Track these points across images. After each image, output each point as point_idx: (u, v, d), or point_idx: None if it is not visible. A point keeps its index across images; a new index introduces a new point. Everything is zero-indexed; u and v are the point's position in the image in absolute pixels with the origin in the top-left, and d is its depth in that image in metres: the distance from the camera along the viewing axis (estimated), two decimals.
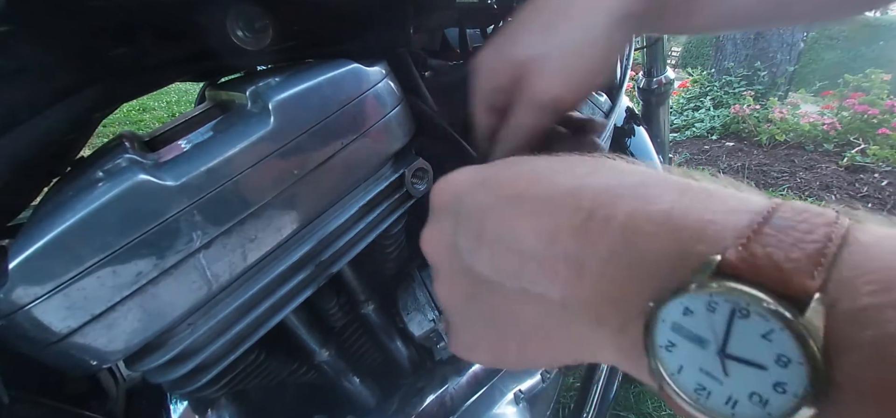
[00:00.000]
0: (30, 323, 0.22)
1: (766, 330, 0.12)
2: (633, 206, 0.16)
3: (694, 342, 0.14)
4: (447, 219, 0.22)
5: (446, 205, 0.23)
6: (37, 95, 0.25)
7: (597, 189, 0.18)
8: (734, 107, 3.57)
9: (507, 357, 0.22)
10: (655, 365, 0.15)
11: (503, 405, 0.49)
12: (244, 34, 0.29)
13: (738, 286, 0.13)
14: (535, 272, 0.18)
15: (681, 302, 0.14)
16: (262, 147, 0.26)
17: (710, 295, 0.13)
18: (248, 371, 0.33)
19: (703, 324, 0.14)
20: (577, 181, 0.18)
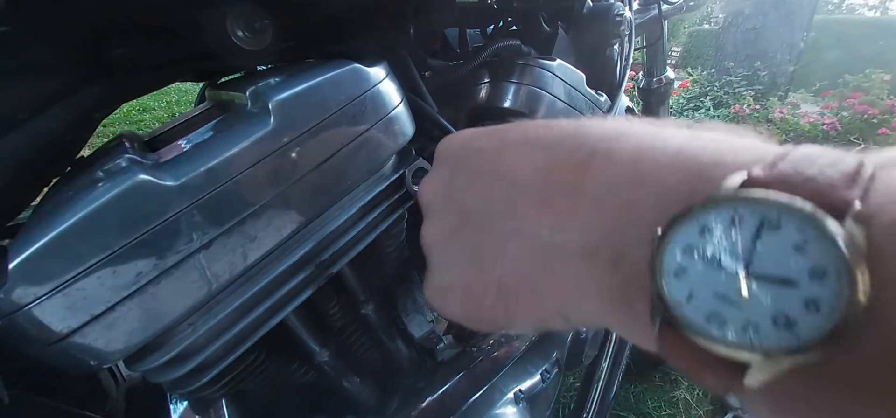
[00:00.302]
0: (30, 323, 0.22)
1: (800, 240, 0.11)
2: (640, 141, 0.15)
3: (709, 264, 0.12)
4: (447, 165, 0.22)
5: (449, 154, 0.22)
6: (37, 95, 0.25)
7: (603, 130, 0.17)
8: (734, 107, 3.57)
9: (482, 304, 0.20)
10: (661, 291, 0.13)
11: (503, 405, 0.49)
12: (244, 34, 0.29)
13: (770, 195, 0.12)
14: (527, 205, 0.17)
15: (698, 219, 0.12)
16: (262, 147, 0.26)
17: (736, 207, 0.12)
18: (248, 371, 0.33)
19: (722, 242, 0.12)
20: (582, 125, 0.17)
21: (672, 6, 0.93)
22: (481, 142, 0.20)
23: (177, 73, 0.32)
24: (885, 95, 3.16)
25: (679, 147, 0.14)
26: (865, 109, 3.06)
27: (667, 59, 1.03)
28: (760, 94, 3.75)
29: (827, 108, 3.50)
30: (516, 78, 0.46)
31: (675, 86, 1.10)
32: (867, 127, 2.99)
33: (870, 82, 3.29)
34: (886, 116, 2.99)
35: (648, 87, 1.03)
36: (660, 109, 1.06)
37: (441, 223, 0.22)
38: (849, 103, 3.20)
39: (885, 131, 2.88)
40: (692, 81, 4.30)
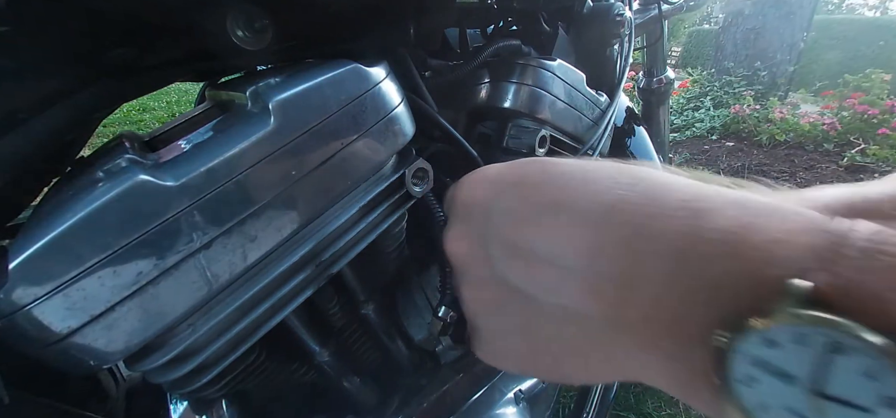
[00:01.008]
0: (30, 323, 0.22)
1: (869, 368, 0.11)
2: (684, 222, 0.14)
3: (780, 378, 0.12)
4: (476, 223, 0.21)
5: (474, 206, 0.21)
6: (37, 95, 0.25)
7: (642, 201, 0.16)
8: (734, 107, 3.57)
9: (538, 370, 0.21)
10: (735, 400, 0.13)
11: (503, 405, 0.49)
12: (244, 34, 0.29)
13: (834, 318, 0.11)
14: (575, 289, 0.17)
15: (762, 333, 0.12)
16: (262, 147, 0.26)
17: (800, 326, 0.12)
18: (249, 371, 0.33)
19: (791, 359, 0.12)
20: (619, 192, 0.16)
21: (672, 6, 0.93)
22: (510, 203, 0.19)
23: (177, 73, 0.32)
24: (885, 95, 3.17)
25: (725, 231, 0.14)
26: (865, 109, 3.06)
27: (667, 59, 1.03)
28: (760, 94, 3.75)
29: (827, 108, 3.51)
30: (516, 78, 0.46)
31: (675, 86, 1.10)
32: (867, 127, 2.99)
33: (870, 82, 3.29)
34: (886, 116, 2.99)
35: (648, 87, 1.03)
36: (660, 109, 1.06)
37: (482, 292, 0.21)
38: (849, 103, 3.20)
39: (885, 131, 2.88)
40: (692, 81, 4.31)
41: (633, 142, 0.86)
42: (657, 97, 1.04)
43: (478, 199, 0.21)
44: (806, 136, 3.17)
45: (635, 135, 0.86)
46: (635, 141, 0.86)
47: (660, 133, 1.06)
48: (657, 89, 1.02)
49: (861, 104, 3.10)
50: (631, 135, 0.86)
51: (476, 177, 0.22)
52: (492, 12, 0.44)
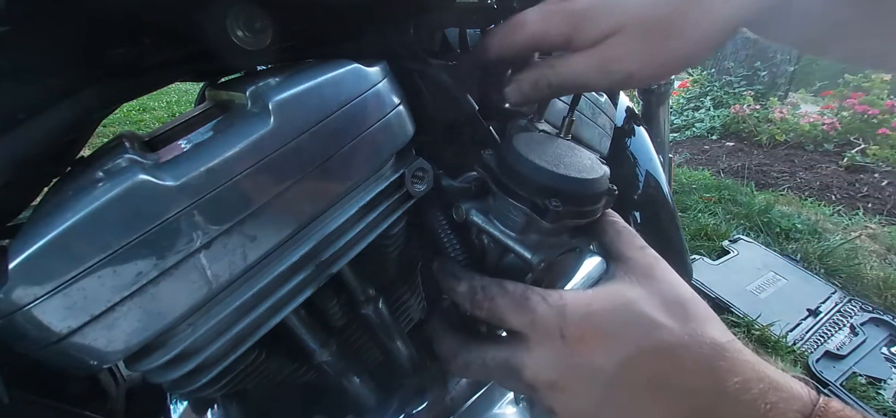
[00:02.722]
0: (30, 323, 0.22)
1: None
2: (723, 383, 0.23)
3: None
4: (575, 370, 0.26)
5: (595, 362, 0.25)
6: (37, 95, 0.25)
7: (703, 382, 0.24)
8: (734, 107, 3.57)
9: None
10: None
11: (503, 405, 0.49)
12: (244, 34, 0.29)
13: None
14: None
15: None
16: (262, 147, 0.26)
17: None
18: (249, 371, 0.33)
19: None
20: (684, 375, 0.24)
21: None
22: (631, 377, 0.25)
23: (177, 73, 0.32)
24: (885, 95, 3.17)
25: (739, 384, 0.23)
26: (865, 109, 3.06)
27: None
28: (760, 94, 3.76)
29: (827, 108, 3.51)
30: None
31: (675, 86, 1.10)
32: (867, 127, 3.00)
33: (870, 82, 3.29)
34: (886, 116, 2.99)
35: (648, 87, 1.03)
36: (660, 109, 1.06)
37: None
38: (849, 103, 3.20)
39: (885, 131, 2.88)
40: (692, 81, 4.31)
41: (633, 142, 0.86)
42: (657, 97, 1.04)
43: (598, 359, 0.26)
44: (806, 136, 3.17)
45: (635, 136, 0.86)
46: (635, 141, 0.86)
47: (660, 133, 1.06)
48: (657, 89, 1.03)
49: (861, 104, 3.10)
50: (631, 136, 0.86)
51: (560, 312, 0.26)
52: (492, 12, 0.44)
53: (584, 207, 0.30)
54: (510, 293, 0.28)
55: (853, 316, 1.62)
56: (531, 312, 0.27)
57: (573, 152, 0.33)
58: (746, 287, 1.75)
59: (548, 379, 0.26)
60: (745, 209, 2.28)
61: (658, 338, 0.24)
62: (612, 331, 0.25)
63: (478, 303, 0.29)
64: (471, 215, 0.32)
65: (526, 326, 0.27)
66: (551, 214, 0.28)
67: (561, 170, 0.29)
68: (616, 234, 0.31)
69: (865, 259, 1.89)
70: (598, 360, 0.25)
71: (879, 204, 2.40)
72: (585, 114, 0.52)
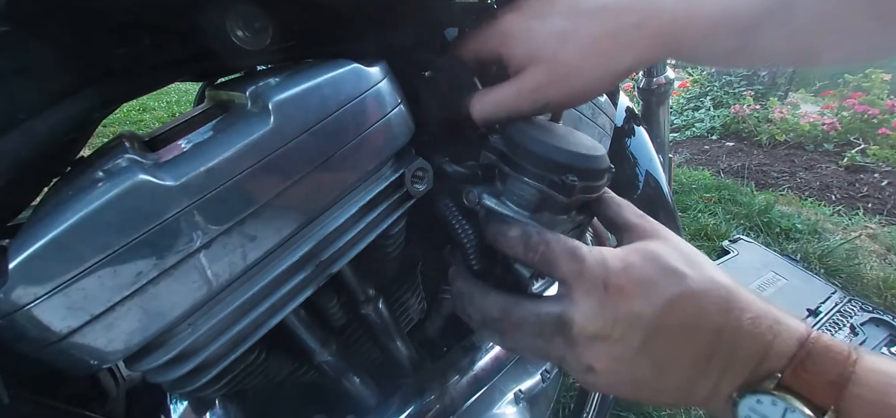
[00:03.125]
0: (30, 323, 0.22)
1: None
2: (743, 318, 0.27)
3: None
4: (641, 320, 0.28)
5: (634, 311, 0.28)
6: (37, 95, 0.25)
7: (723, 304, 0.27)
8: (734, 107, 3.57)
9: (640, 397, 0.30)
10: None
11: (503, 405, 0.49)
12: (244, 34, 0.29)
13: (788, 396, 0.25)
14: (692, 358, 0.28)
15: (756, 396, 0.26)
16: (262, 147, 0.26)
17: (773, 397, 0.25)
18: (249, 371, 0.33)
19: (768, 411, 0.25)
20: (711, 306, 0.27)
21: None
22: (670, 319, 0.27)
23: (177, 73, 0.32)
24: (885, 95, 3.17)
25: (753, 320, 0.27)
26: (865, 109, 3.06)
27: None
28: (760, 94, 3.75)
29: (827, 108, 3.51)
30: None
31: (675, 86, 1.10)
32: (867, 127, 2.99)
33: (870, 82, 3.29)
34: (886, 116, 2.99)
35: (648, 87, 1.03)
36: (660, 109, 1.06)
37: (621, 363, 0.29)
38: (849, 103, 3.20)
39: (885, 131, 2.88)
40: (692, 81, 4.30)
41: (633, 142, 0.86)
42: (657, 97, 1.04)
43: (636, 309, 0.28)
44: (806, 136, 3.17)
45: (635, 136, 0.86)
46: (635, 141, 0.86)
47: (660, 133, 1.06)
48: (657, 89, 1.02)
49: (861, 104, 3.10)
50: (631, 136, 0.86)
51: (637, 282, 0.28)
52: (492, 12, 0.44)
53: (594, 182, 0.32)
54: (563, 242, 0.30)
55: (853, 316, 1.61)
56: (581, 260, 0.29)
57: (573, 134, 0.35)
58: (746, 287, 1.75)
59: (594, 331, 0.28)
60: (745, 209, 2.28)
61: (686, 286, 0.27)
62: (649, 282, 0.28)
63: (533, 247, 0.30)
64: (483, 199, 0.33)
65: (574, 274, 0.29)
66: (567, 189, 0.30)
67: (573, 148, 0.31)
68: (618, 207, 0.34)
69: (865, 259, 1.89)
70: (637, 308, 0.27)
71: (879, 204, 2.40)
72: (585, 115, 0.52)
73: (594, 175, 0.32)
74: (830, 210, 2.36)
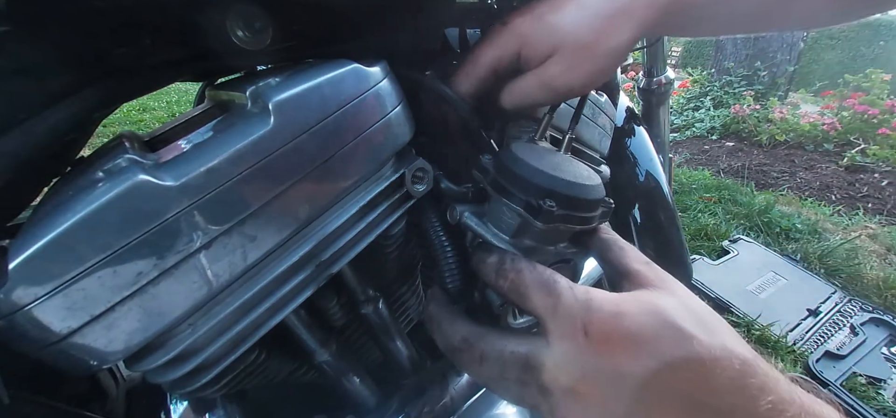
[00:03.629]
0: (30, 324, 0.22)
1: None
2: (756, 404, 0.22)
3: None
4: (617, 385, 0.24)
5: (623, 372, 0.23)
6: (37, 95, 0.25)
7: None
8: (734, 107, 3.57)
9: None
10: None
11: (503, 405, 0.49)
12: (244, 34, 0.29)
13: None
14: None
15: None
16: (262, 147, 0.26)
17: None
18: (249, 371, 0.33)
19: None
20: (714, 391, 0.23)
21: None
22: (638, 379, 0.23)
23: (177, 73, 0.32)
24: (885, 95, 3.17)
25: (771, 406, 0.22)
26: (865, 109, 3.06)
27: (667, 59, 1.03)
28: (760, 94, 3.76)
29: (827, 108, 3.51)
30: None
31: (675, 86, 1.10)
32: (867, 127, 2.99)
33: (870, 82, 3.29)
34: (886, 116, 2.99)
35: (648, 87, 1.03)
36: (660, 109, 1.06)
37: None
38: (849, 103, 3.20)
39: (885, 131, 2.88)
40: (692, 81, 4.31)
41: (633, 142, 0.86)
42: (657, 97, 1.04)
43: (625, 367, 0.24)
44: (806, 136, 3.17)
45: (635, 136, 0.86)
46: (635, 141, 0.86)
47: (660, 133, 1.06)
48: (657, 89, 1.02)
49: (861, 104, 3.10)
50: (631, 136, 0.86)
51: (624, 339, 0.24)
52: (492, 12, 0.44)
53: (578, 212, 0.30)
54: (538, 271, 0.27)
55: (853, 316, 1.61)
56: (556, 295, 0.25)
57: (572, 163, 0.33)
58: (746, 287, 1.75)
59: (567, 383, 0.24)
60: (745, 209, 2.28)
61: (691, 351, 0.22)
62: (643, 337, 0.23)
63: (504, 273, 0.28)
64: (464, 217, 0.32)
65: (547, 310, 0.25)
66: (545, 215, 0.28)
67: (556, 173, 0.29)
68: (620, 250, 0.30)
69: (865, 259, 1.89)
70: (625, 366, 0.23)
71: (879, 204, 2.40)
72: (585, 114, 0.52)
73: (579, 204, 0.30)
74: (830, 210, 2.36)
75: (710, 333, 0.23)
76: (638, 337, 0.23)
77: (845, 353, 1.46)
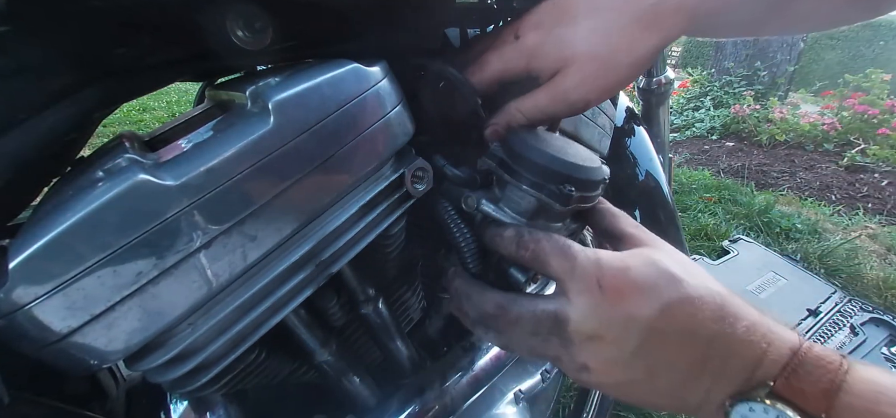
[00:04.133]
0: (30, 323, 0.22)
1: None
2: (738, 328, 0.27)
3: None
4: (638, 321, 0.28)
5: (632, 316, 0.28)
6: (37, 95, 0.25)
7: (717, 318, 0.27)
8: (734, 107, 3.57)
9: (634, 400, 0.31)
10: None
11: (503, 405, 0.49)
12: (244, 34, 0.29)
13: (780, 405, 0.25)
14: (687, 368, 0.28)
15: (748, 404, 0.26)
16: (262, 147, 0.26)
17: (765, 405, 0.25)
18: (249, 370, 0.33)
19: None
20: (709, 321, 0.27)
21: None
22: (649, 316, 0.27)
23: (177, 73, 0.32)
24: (885, 95, 3.17)
25: (748, 328, 0.27)
26: (865, 109, 3.06)
27: (667, 59, 1.03)
28: (760, 94, 3.75)
29: (827, 108, 3.51)
30: None
31: (675, 86, 1.10)
32: (867, 127, 2.99)
33: (870, 82, 3.29)
34: (886, 116, 2.99)
35: (648, 87, 1.03)
36: (660, 109, 1.06)
37: (618, 367, 0.29)
38: (849, 103, 3.20)
39: (885, 131, 2.88)
40: (692, 81, 4.31)
41: (633, 142, 0.86)
42: (657, 97, 1.03)
43: (634, 313, 0.28)
44: (806, 136, 3.17)
45: (635, 136, 0.86)
46: (635, 141, 0.86)
47: (660, 133, 1.06)
48: (657, 89, 1.02)
49: (861, 104, 3.10)
50: (631, 136, 0.86)
51: (631, 288, 0.28)
52: (492, 12, 0.44)
53: (590, 192, 0.33)
54: (555, 240, 0.30)
55: (853, 316, 1.61)
56: (573, 258, 0.29)
57: (572, 145, 0.36)
58: (746, 287, 1.75)
59: (589, 330, 0.28)
60: (745, 209, 2.28)
61: (684, 291, 0.27)
62: (647, 284, 0.28)
63: (524, 244, 0.31)
64: (481, 204, 0.34)
65: (566, 272, 0.29)
66: (566, 198, 0.31)
67: (571, 158, 0.32)
68: (613, 217, 0.34)
69: (865, 259, 1.89)
70: (634, 310, 0.27)
71: (879, 204, 2.40)
72: (585, 114, 0.52)
73: (590, 185, 0.33)
74: (830, 210, 2.36)
75: (695, 277, 0.28)
76: (643, 285, 0.28)
77: (845, 353, 1.45)
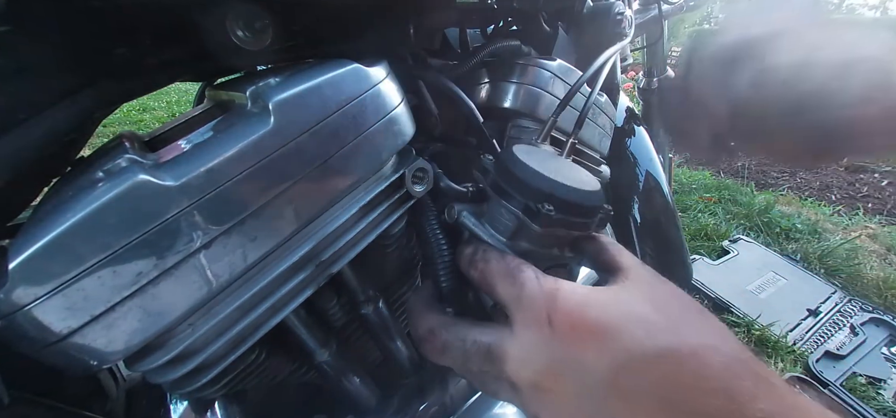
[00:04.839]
0: (30, 324, 0.22)
1: None
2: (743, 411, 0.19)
3: None
4: (588, 368, 0.22)
5: (593, 345, 0.22)
6: (37, 95, 0.25)
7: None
8: None
9: None
10: None
11: (503, 405, 0.49)
12: (244, 34, 0.29)
13: None
14: None
15: None
16: (262, 147, 0.26)
17: None
18: (249, 371, 0.33)
19: None
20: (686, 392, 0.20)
21: (672, 6, 0.93)
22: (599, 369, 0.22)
23: (177, 73, 0.32)
24: None
25: (763, 413, 0.18)
26: None
27: (667, 59, 1.03)
28: None
29: None
30: (516, 78, 0.46)
31: None
32: None
33: None
34: None
35: (648, 87, 1.03)
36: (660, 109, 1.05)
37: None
38: None
39: None
40: None
41: (633, 142, 0.86)
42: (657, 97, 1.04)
43: (607, 348, 0.22)
44: None
45: (635, 136, 0.86)
46: (635, 141, 0.86)
47: (660, 133, 1.06)
48: (657, 89, 1.02)
49: None
50: (631, 136, 0.86)
51: (589, 329, 0.23)
52: (492, 12, 0.44)
53: (575, 217, 0.30)
54: (505, 261, 0.26)
55: (853, 316, 1.61)
56: (520, 285, 0.25)
57: (573, 168, 0.33)
58: (746, 287, 1.75)
59: (531, 375, 0.23)
60: (745, 209, 2.28)
61: (663, 343, 0.21)
62: (608, 328, 0.22)
63: (474, 263, 0.28)
64: (462, 216, 0.32)
65: (512, 299, 0.25)
66: (542, 218, 0.28)
67: (556, 177, 0.29)
68: (611, 250, 0.30)
69: (865, 259, 1.89)
70: (590, 359, 0.22)
71: (879, 204, 2.40)
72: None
73: (577, 210, 0.29)
74: (830, 210, 2.36)
75: (691, 326, 0.22)
76: (604, 327, 0.22)
77: (845, 353, 1.45)
